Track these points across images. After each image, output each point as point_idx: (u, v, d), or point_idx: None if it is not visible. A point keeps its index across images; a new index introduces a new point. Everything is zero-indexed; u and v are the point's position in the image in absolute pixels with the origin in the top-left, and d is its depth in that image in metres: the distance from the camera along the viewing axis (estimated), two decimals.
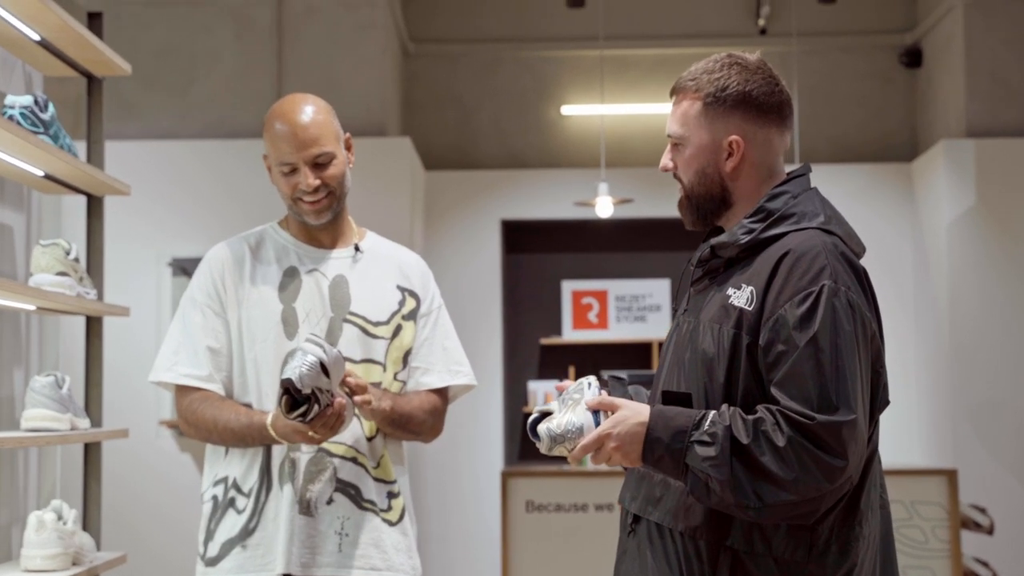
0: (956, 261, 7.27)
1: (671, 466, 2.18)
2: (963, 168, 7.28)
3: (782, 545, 2.18)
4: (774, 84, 2.36)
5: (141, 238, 6.79)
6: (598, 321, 8.49)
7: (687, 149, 2.36)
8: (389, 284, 2.95)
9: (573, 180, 8.04)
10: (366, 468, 2.83)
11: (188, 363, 2.83)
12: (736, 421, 2.13)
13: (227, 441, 2.81)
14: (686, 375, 2.29)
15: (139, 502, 6.59)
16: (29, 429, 3.24)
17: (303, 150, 2.82)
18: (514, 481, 6.07)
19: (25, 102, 3.24)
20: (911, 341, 7.98)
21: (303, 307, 2.84)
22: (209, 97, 7.19)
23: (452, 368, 2.99)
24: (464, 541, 7.94)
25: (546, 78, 8.50)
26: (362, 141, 7.02)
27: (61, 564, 3.23)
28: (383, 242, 3.04)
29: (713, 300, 2.29)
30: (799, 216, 2.29)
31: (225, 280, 2.86)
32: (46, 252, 3.33)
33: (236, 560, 2.78)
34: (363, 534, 2.81)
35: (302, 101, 2.86)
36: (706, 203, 2.37)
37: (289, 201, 2.86)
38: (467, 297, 8.10)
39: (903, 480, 6.17)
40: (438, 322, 3.00)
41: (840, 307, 2.16)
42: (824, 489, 2.10)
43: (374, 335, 2.88)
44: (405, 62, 8.38)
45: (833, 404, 2.10)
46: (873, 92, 8.42)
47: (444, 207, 8.17)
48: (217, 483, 2.85)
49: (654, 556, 2.28)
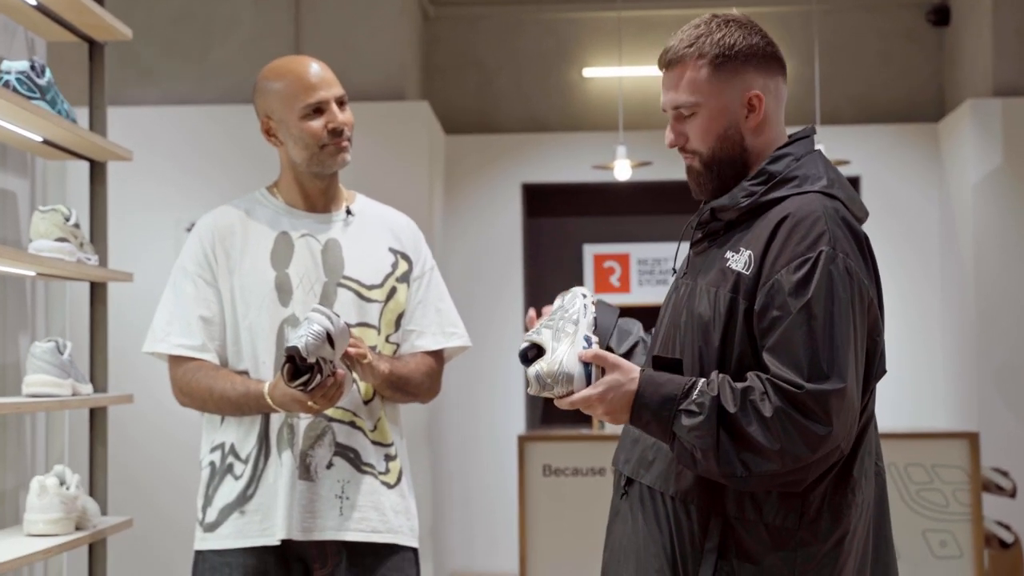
0: (982, 222, 7.19)
1: (659, 432, 2.17)
2: (990, 128, 7.18)
3: (773, 511, 2.16)
4: (767, 35, 2.31)
5: (159, 203, 6.80)
6: (620, 284, 8.46)
7: (702, 116, 2.28)
8: (381, 247, 2.94)
9: (594, 143, 7.99)
10: (363, 431, 2.83)
11: (181, 333, 2.82)
12: (724, 390, 2.11)
13: (223, 410, 2.80)
14: (682, 338, 2.26)
15: (160, 468, 6.62)
16: (29, 395, 3.24)
17: (331, 87, 2.86)
18: (531, 445, 6.06)
19: (21, 67, 3.22)
20: (936, 303, 7.91)
21: (296, 273, 2.83)
22: (227, 62, 7.17)
23: (447, 330, 2.98)
24: (485, 505, 7.96)
25: (568, 40, 8.44)
26: (380, 105, 7.00)
27: (63, 528, 3.25)
28: (373, 204, 3.03)
29: (711, 263, 2.26)
30: (801, 179, 2.24)
31: (216, 249, 2.85)
32: (45, 218, 3.33)
33: (235, 525, 2.79)
34: (362, 497, 2.80)
35: (304, 56, 2.92)
36: (728, 168, 2.29)
37: (314, 149, 2.84)
38: (488, 261, 8.09)
39: (924, 443, 6.11)
40: (431, 284, 2.99)
41: (837, 274, 2.12)
42: (808, 458, 2.07)
43: (368, 298, 2.87)
44: (425, 25, 8.33)
45: (824, 372, 2.07)
46: (899, 51, 8.31)
47: (465, 171, 8.14)
48: (214, 449, 2.85)
49: (645, 519, 2.27)
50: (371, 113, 6.95)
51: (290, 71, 2.86)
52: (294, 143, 2.84)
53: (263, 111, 2.88)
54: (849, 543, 2.19)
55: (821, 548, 2.17)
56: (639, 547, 2.27)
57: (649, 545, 2.25)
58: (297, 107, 2.82)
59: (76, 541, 3.30)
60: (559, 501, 6.00)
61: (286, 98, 2.83)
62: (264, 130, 2.89)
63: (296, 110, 2.82)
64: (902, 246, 7.98)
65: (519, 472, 6.05)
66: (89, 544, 3.60)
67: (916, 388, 7.94)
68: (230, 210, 2.91)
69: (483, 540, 7.95)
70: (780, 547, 2.16)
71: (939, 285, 7.90)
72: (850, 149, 7.78)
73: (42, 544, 3.14)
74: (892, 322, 7.94)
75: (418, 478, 6.78)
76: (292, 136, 2.84)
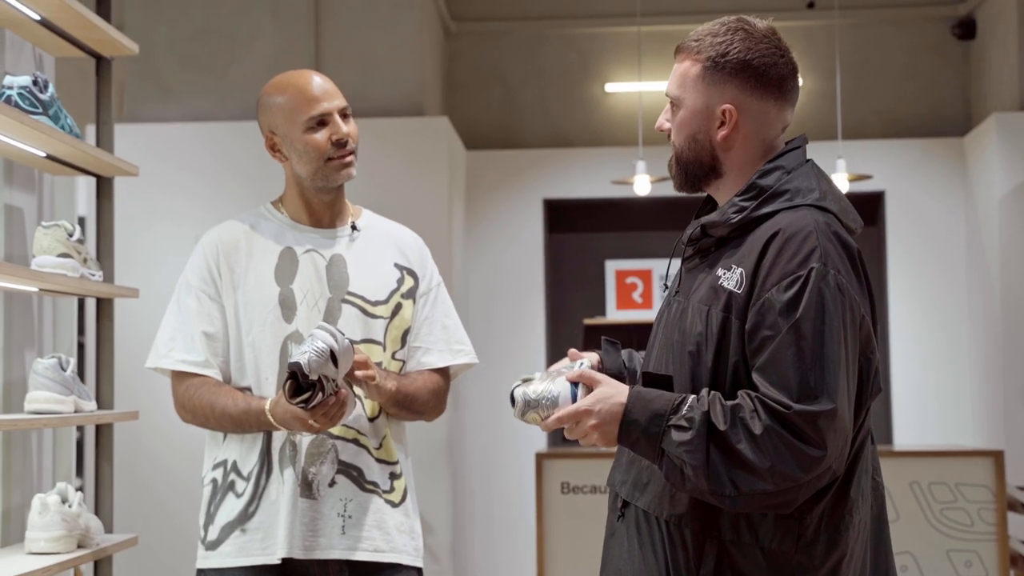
0: (1008, 236, 7.10)
1: (647, 449, 2.12)
2: (1016, 142, 7.10)
3: (769, 535, 2.12)
4: (778, 55, 2.25)
5: (181, 219, 6.81)
6: (642, 301, 8.41)
7: (682, 112, 2.29)
8: (387, 263, 2.90)
9: (615, 158, 7.95)
10: (368, 449, 2.80)
11: (184, 349, 2.80)
12: (715, 407, 2.07)
13: (224, 427, 2.78)
14: (675, 357, 2.23)
15: (170, 482, 6.60)
16: (31, 411, 3.23)
17: (333, 99, 2.83)
18: (549, 462, 6.02)
19: (23, 82, 3.21)
20: (962, 319, 7.82)
21: (300, 289, 2.80)
22: (247, 79, 7.17)
23: (454, 347, 2.94)
24: (505, 522, 7.91)
25: (589, 56, 8.40)
26: (401, 121, 6.99)
27: (65, 546, 3.22)
28: (379, 220, 3.00)
29: (703, 281, 2.23)
30: (792, 193, 2.20)
31: (220, 264, 2.83)
32: (48, 233, 3.31)
33: (236, 544, 2.76)
34: (366, 516, 2.77)
35: (305, 70, 2.89)
36: (695, 169, 2.30)
37: (319, 163, 2.82)
38: (510, 277, 8.05)
39: (948, 462, 6.03)
40: (437, 300, 2.95)
41: (828, 292, 2.07)
42: (800, 479, 2.03)
43: (373, 315, 2.83)
44: (447, 41, 8.33)
45: (813, 393, 2.03)
46: (924, 65, 8.24)
47: (486, 187, 8.11)
48: (216, 466, 2.83)
49: (640, 544, 2.24)
50: (392, 129, 6.95)
51: (292, 85, 2.83)
52: (298, 157, 2.82)
53: (267, 126, 2.86)
54: (847, 566, 2.15)
55: (818, 573, 2.12)
56: (635, 573, 2.23)
57: (644, 571, 2.21)
58: (300, 120, 2.79)
59: (77, 559, 3.27)
60: (577, 518, 5.95)
61: (289, 112, 2.80)
62: (268, 146, 2.87)
63: (299, 123, 2.79)
64: (928, 261, 7.90)
65: (536, 489, 6.00)
66: (95, 561, 3.57)
67: (941, 405, 7.85)
68: (235, 225, 2.89)
69: (503, 557, 7.90)
70: (776, 572, 2.12)
71: (965, 301, 7.81)
72: (875, 164, 7.71)
73: (43, 562, 3.12)
74: (918, 338, 7.89)
75: (438, 496, 6.78)
76: (296, 150, 2.81)
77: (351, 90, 7.16)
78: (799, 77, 2.30)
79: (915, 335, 7.90)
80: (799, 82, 2.30)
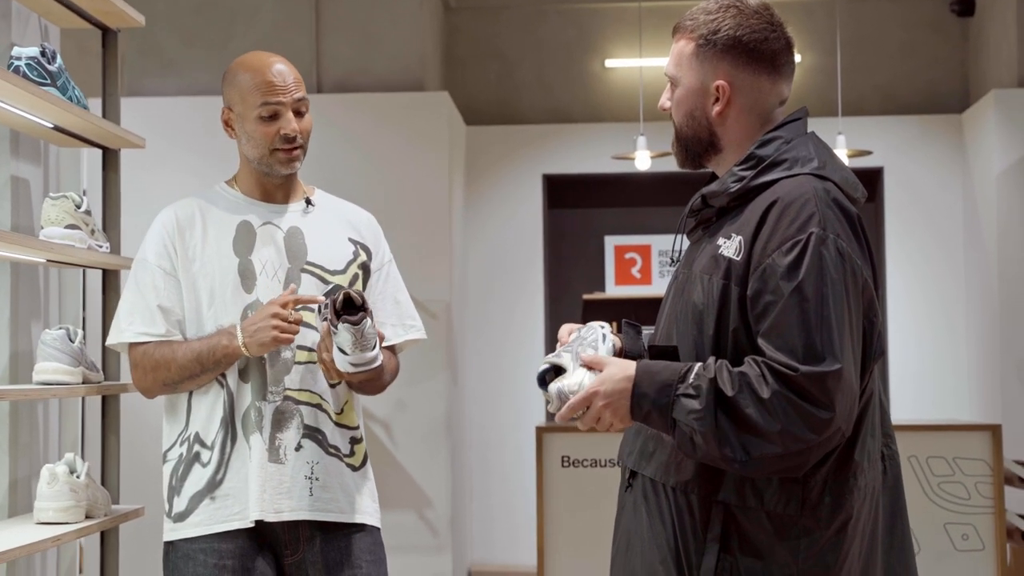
0: (1005, 213, 7.12)
1: (659, 421, 2.15)
2: (1014, 118, 7.11)
3: (774, 499, 2.14)
4: (770, 31, 2.28)
5: (181, 192, 6.78)
6: (641, 276, 8.43)
7: (680, 90, 2.34)
8: (342, 236, 2.96)
9: (615, 134, 7.95)
10: (329, 415, 2.85)
11: (143, 323, 2.83)
12: (722, 373, 2.10)
13: (186, 368, 2.77)
14: (679, 327, 2.26)
15: None
16: (40, 382, 3.24)
17: (290, 92, 2.83)
18: (549, 436, 6.04)
19: (31, 53, 3.22)
20: (960, 294, 7.85)
21: (259, 259, 2.85)
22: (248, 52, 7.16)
23: (406, 323, 3.01)
24: (504, 497, 7.94)
25: (589, 31, 8.40)
26: (400, 96, 6.99)
27: (73, 516, 3.25)
28: (333, 199, 3.05)
29: (705, 250, 2.26)
30: (791, 162, 2.23)
31: (175, 241, 2.85)
32: (55, 205, 3.33)
33: (206, 512, 2.80)
34: (331, 478, 2.84)
35: (272, 55, 2.89)
36: (694, 145, 2.35)
37: (264, 151, 2.84)
38: (509, 252, 8.07)
39: (946, 436, 6.05)
40: (389, 276, 3.02)
41: (828, 255, 2.10)
42: (811, 441, 2.05)
43: (331, 283, 2.88)
44: (446, 16, 8.31)
45: (819, 354, 2.05)
46: (923, 42, 8.24)
47: (486, 162, 8.12)
48: (178, 440, 2.85)
49: (648, 512, 2.27)
50: (391, 104, 6.95)
51: (253, 68, 2.84)
52: (247, 139, 2.86)
53: (226, 101, 2.89)
54: (853, 528, 2.17)
55: (824, 534, 2.15)
56: (643, 540, 2.27)
57: (653, 538, 2.24)
58: (254, 105, 2.82)
59: (86, 529, 3.29)
60: (578, 492, 5.97)
61: (245, 94, 2.83)
62: (223, 119, 2.89)
63: (252, 109, 2.82)
64: (925, 237, 7.92)
65: (537, 463, 6.02)
66: (101, 532, 3.60)
67: (939, 380, 7.88)
68: (191, 202, 2.93)
69: (502, 532, 7.94)
70: (783, 536, 2.14)
71: (963, 276, 7.84)
72: (874, 140, 7.73)
73: (51, 532, 3.14)
74: (915, 313, 7.92)
75: (437, 470, 6.81)
76: (246, 133, 2.86)
77: (351, 64, 7.22)
78: (794, 52, 2.33)
79: (913, 310, 7.93)
80: (794, 56, 2.33)
